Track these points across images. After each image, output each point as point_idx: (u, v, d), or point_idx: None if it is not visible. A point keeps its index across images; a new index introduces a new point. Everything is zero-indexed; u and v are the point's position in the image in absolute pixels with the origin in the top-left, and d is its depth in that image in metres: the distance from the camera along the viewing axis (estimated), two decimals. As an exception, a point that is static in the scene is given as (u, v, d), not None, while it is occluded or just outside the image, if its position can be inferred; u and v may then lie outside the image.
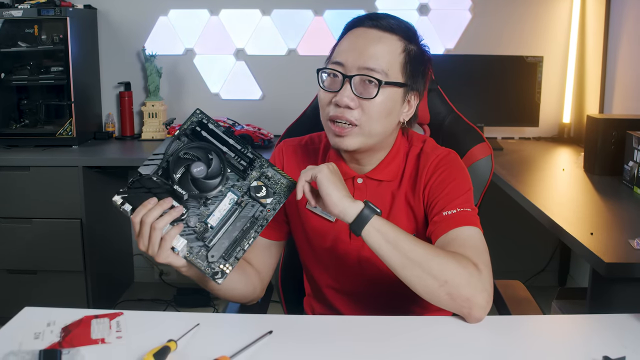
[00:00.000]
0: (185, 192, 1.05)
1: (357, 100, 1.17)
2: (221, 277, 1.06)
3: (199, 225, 1.07)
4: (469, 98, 2.98)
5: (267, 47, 3.18)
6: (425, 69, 1.25)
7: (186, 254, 1.06)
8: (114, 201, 1.07)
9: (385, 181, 1.29)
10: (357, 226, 1.08)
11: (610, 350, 0.98)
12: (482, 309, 1.08)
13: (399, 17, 1.24)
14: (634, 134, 2.12)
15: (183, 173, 1.06)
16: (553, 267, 3.30)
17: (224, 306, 1.39)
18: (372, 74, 1.17)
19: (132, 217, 1.05)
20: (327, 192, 1.07)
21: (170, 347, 0.96)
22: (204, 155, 1.08)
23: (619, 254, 1.49)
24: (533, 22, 3.12)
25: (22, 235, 2.70)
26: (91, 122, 3.12)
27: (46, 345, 1.00)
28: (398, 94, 1.20)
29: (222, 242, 1.07)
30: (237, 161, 1.11)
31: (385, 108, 1.19)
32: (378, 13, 1.24)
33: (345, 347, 1.03)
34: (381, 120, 1.20)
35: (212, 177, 1.07)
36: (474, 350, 1.03)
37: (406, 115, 1.25)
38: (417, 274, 1.08)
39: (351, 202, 1.08)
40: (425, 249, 1.09)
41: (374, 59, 1.17)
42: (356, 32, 1.21)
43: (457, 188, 1.23)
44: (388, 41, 1.19)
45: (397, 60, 1.19)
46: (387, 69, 1.17)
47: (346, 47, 1.20)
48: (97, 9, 3.14)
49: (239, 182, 1.10)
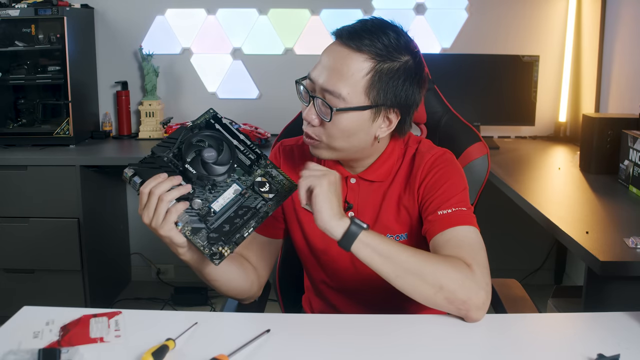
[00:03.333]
0: (195, 171, 1.10)
1: (318, 119, 1.19)
2: (219, 259, 1.08)
3: (203, 208, 1.11)
4: (465, 97, 2.99)
5: (264, 47, 3.19)
6: (408, 82, 1.18)
7: (187, 232, 1.08)
8: (125, 173, 1.11)
9: (377, 182, 1.30)
10: (346, 242, 1.08)
11: (605, 348, 0.99)
12: (479, 309, 1.09)
13: (382, 27, 1.17)
14: (629, 133, 2.13)
15: (194, 157, 1.11)
16: (549, 265, 3.31)
17: (221, 305, 1.40)
18: (328, 98, 1.16)
19: (142, 188, 1.08)
20: (318, 209, 1.07)
21: (168, 346, 0.97)
22: (216, 143, 1.14)
23: (614, 252, 1.50)
24: (529, 22, 3.13)
25: (20, 234, 2.70)
26: (88, 121, 3.12)
27: (45, 344, 1.00)
28: (363, 116, 1.17)
29: (224, 226, 1.10)
30: (245, 155, 1.17)
31: (344, 129, 1.18)
32: (356, 27, 1.17)
33: (343, 346, 1.04)
34: (343, 139, 1.19)
35: (220, 164, 1.13)
36: (470, 348, 1.04)
37: (384, 131, 1.22)
38: (411, 283, 1.09)
39: (338, 221, 1.08)
40: (417, 256, 1.10)
41: (334, 81, 1.15)
42: (331, 47, 1.19)
43: (453, 187, 1.24)
44: (353, 62, 1.15)
45: (359, 83, 1.15)
46: (346, 94, 1.15)
47: (320, 62, 1.19)
48: (94, 8, 3.14)
49: (244, 177, 1.16)
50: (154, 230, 1.08)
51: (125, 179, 1.11)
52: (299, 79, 1.23)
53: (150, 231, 1.10)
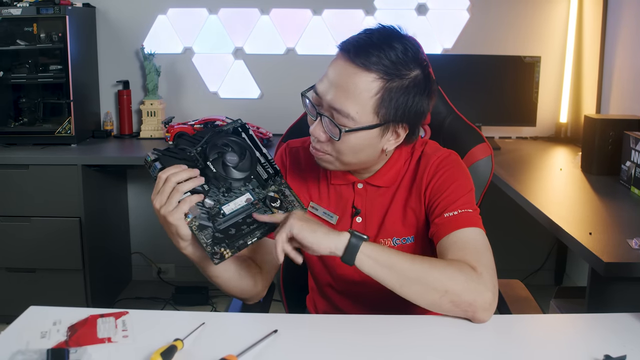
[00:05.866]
0: (215, 170, 1.13)
1: (327, 135, 1.18)
2: (219, 259, 1.09)
3: (214, 208, 1.12)
4: (467, 98, 2.99)
5: (265, 46, 3.19)
6: (417, 97, 1.17)
7: (194, 227, 1.10)
8: (147, 157, 1.13)
9: (384, 187, 1.30)
10: (349, 257, 1.08)
11: (611, 349, 1.00)
12: (485, 310, 1.09)
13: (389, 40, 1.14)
14: (631, 134, 2.14)
15: (216, 158, 1.14)
16: (549, 265, 3.32)
17: (223, 305, 1.40)
18: (337, 118, 1.15)
19: (160, 173, 1.09)
20: (311, 241, 1.08)
21: (176, 346, 0.97)
22: (239, 150, 1.18)
23: (617, 253, 1.50)
24: (531, 22, 3.13)
25: (21, 234, 2.70)
26: (90, 120, 3.11)
27: (53, 344, 1.00)
28: (372, 134, 1.17)
29: (230, 230, 1.12)
30: (263, 168, 1.20)
31: (353, 147, 1.18)
32: (362, 41, 1.14)
33: (350, 346, 1.04)
34: (352, 155, 1.20)
35: (240, 170, 1.16)
36: (476, 349, 1.05)
37: (392, 144, 1.22)
38: (416, 290, 1.10)
39: (336, 237, 1.09)
40: (420, 263, 1.10)
41: (342, 100, 1.13)
42: (338, 62, 1.16)
43: (459, 189, 1.24)
44: (361, 82, 1.12)
45: (368, 104, 1.13)
46: (354, 114, 1.13)
47: (327, 75, 1.17)
48: (96, 7, 3.14)
49: (258, 189, 1.19)
50: (161, 218, 1.09)
51: (145, 162, 1.14)
52: (304, 92, 1.21)
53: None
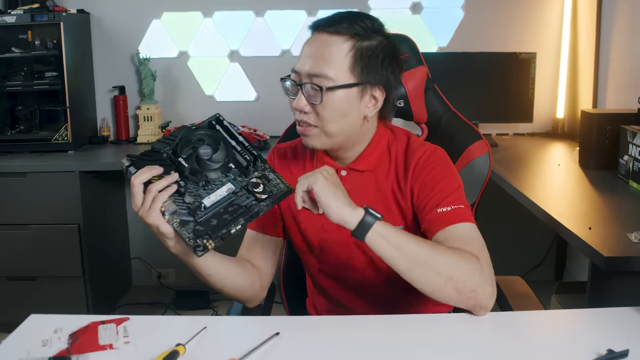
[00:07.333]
0: (188, 165, 1.13)
1: (310, 105, 1.22)
2: (202, 251, 1.08)
3: (194, 203, 1.12)
4: (463, 95, 2.98)
5: (261, 49, 3.18)
6: (387, 60, 1.24)
7: (175, 224, 1.09)
8: (123, 162, 1.15)
9: (367, 171, 1.31)
10: (360, 233, 1.09)
11: (614, 343, 1.00)
12: (488, 296, 1.11)
13: (357, 15, 1.25)
14: (628, 128, 2.14)
15: (190, 154, 1.15)
16: (549, 261, 3.32)
17: (225, 308, 1.40)
18: (316, 81, 1.20)
19: (132, 178, 1.10)
20: (327, 204, 1.09)
21: (179, 351, 0.97)
22: (213, 142, 1.17)
23: (617, 247, 1.51)
24: (526, 19, 3.13)
25: (20, 241, 2.69)
26: (86, 126, 3.11)
27: (54, 352, 1.00)
28: (351, 94, 1.22)
29: (211, 221, 1.11)
30: (242, 156, 1.19)
31: (336, 109, 1.21)
32: (333, 16, 1.24)
33: (352, 347, 1.04)
34: (336, 121, 1.23)
35: (215, 162, 1.16)
36: (478, 346, 1.05)
37: (371, 110, 1.26)
38: (422, 273, 1.10)
39: (352, 211, 1.09)
40: (428, 247, 1.11)
41: (320, 65, 1.20)
42: (311, 39, 1.25)
43: (449, 185, 1.25)
44: (335, 45, 1.21)
45: (344, 63, 1.20)
46: (332, 74, 1.19)
47: (302, 54, 1.24)
48: (91, 13, 3.13)
49: (240, 177, 1.17)
50: (143, 220, 1.10)
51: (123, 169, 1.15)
52: (283, 77, 1.27)
53: (150, 235, 1.10)
